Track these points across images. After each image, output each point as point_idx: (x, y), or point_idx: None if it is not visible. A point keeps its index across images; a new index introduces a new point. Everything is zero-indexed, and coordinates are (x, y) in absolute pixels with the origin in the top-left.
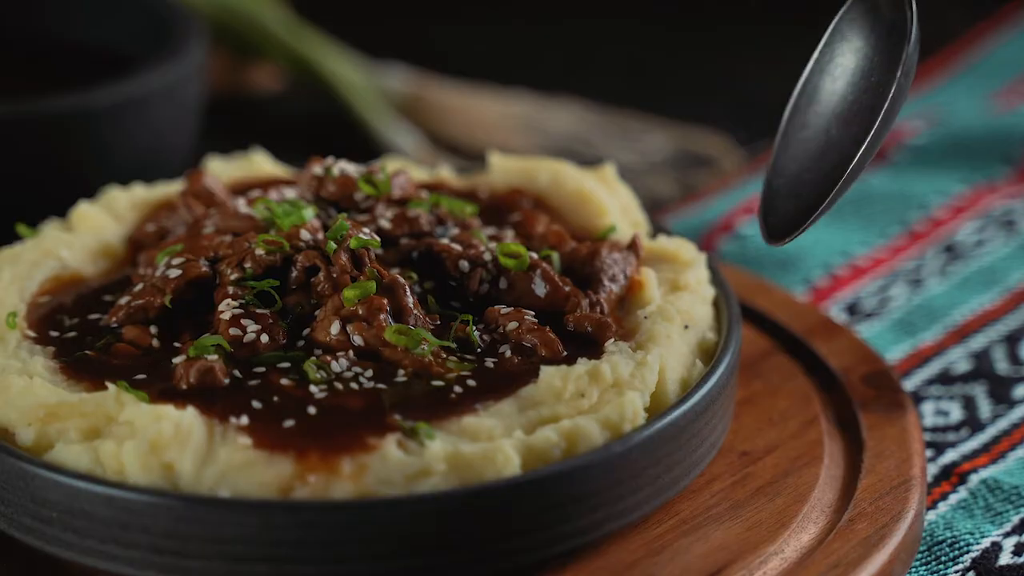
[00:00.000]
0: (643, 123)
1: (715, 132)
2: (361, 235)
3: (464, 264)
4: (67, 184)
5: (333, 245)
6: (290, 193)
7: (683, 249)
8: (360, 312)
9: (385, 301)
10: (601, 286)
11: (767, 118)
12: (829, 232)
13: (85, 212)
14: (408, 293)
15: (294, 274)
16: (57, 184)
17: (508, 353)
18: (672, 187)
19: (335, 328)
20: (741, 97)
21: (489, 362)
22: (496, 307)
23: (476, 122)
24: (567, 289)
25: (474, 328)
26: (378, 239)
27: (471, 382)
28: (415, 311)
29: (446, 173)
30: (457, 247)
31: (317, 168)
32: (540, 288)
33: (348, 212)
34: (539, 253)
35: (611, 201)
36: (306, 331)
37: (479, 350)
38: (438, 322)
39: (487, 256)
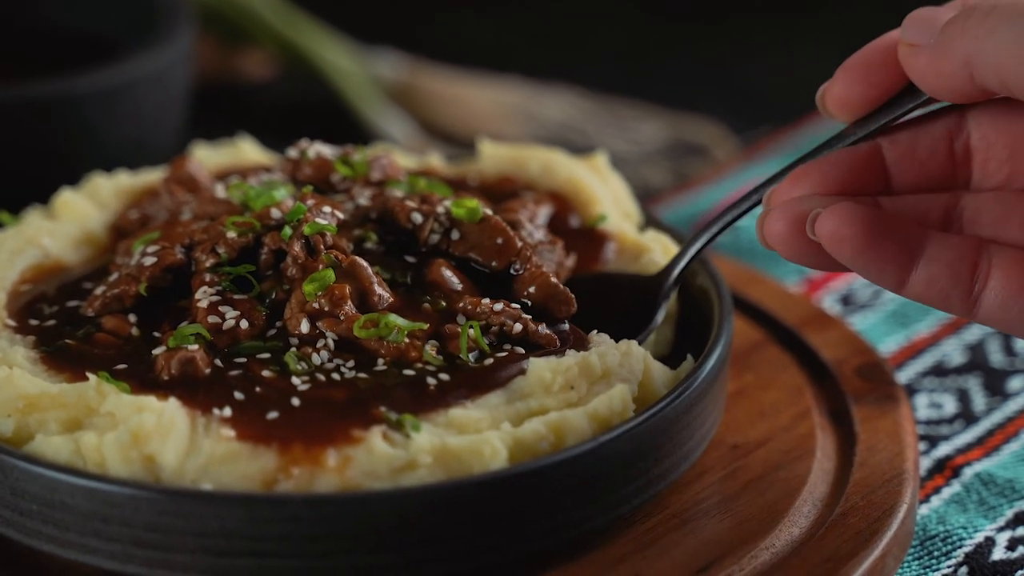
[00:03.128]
0: (636, 112)
1: (708, 121)
2: (319, 219)
3: (417, 216)
4: (52, 171)
5: (288, 232)
6: (269, 178)
7: (659, 243)
8: (324, 305)
9: (347, 288)
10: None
11: (761, 107)
12: None
13: (68, 199)
14: (369, 273)
15: (263, 257)
16: (42, 171)
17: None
18: (665, 176)
19: (304, 326)
20: (735, 86)
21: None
22: (487, 301)
23: (468, 110)
24: (520, 243)
25: (480, 333)
26: (334, 225)
27: (447, 375)
28: (379, 290)
29: (435, 160)
30: (411, 202)
31: (292, 151)
32: (492, 239)
33: (325, 194)
34: None
35: (602, 190)
36: (279, 323)
37: (483, 355)
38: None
39: (440, 209)
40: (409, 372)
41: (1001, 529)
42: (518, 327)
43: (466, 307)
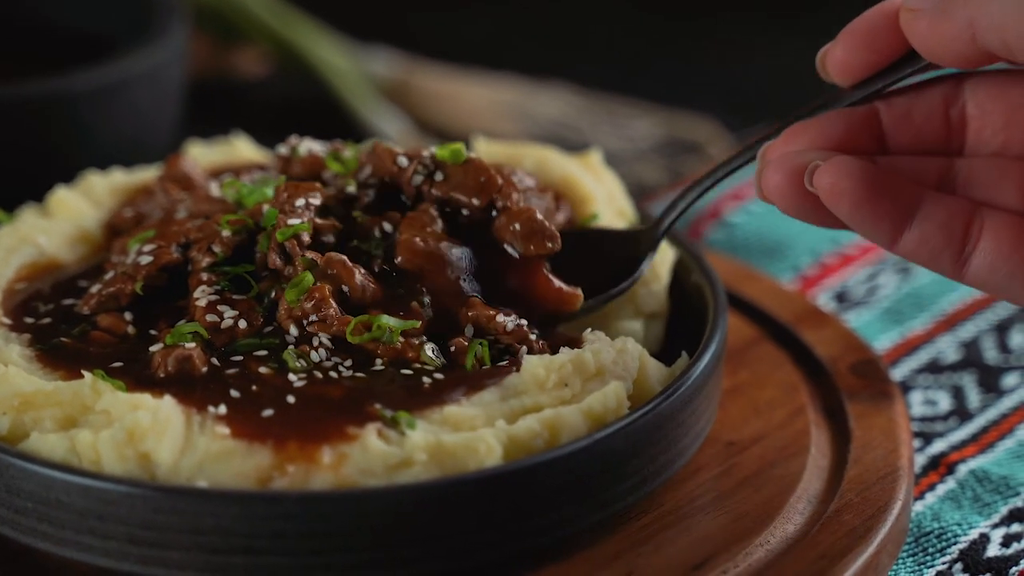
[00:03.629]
0: (631, 109)
1: (703, 118)
2: (291, 220)
3: (402, 160)
4: (47, 169)
5: (265, 243)
6: (263, 176)
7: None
8: (308, 309)
9: (327, 289)
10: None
11: (756, 105)
12: None
13: (63, 197)
14: (349, 266)
15: (258, 255)
16: (37, 169)
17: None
18: (660, 174)
19: (294, 331)
20: (730, 83)
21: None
22: (501, 319)
23: (463, 107)
24: (500, 180)
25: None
26: (307, 223)
27: (441, 373)
28: (360, 281)
29: None
30: (398, 148)
31: (283, 148)
32: (475, 178)
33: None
34: None
35: (597, 188)
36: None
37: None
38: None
39: (425, 154)
40: (406, 371)
41: (996, 526)
42: (524, 349)
43: (478, 319)
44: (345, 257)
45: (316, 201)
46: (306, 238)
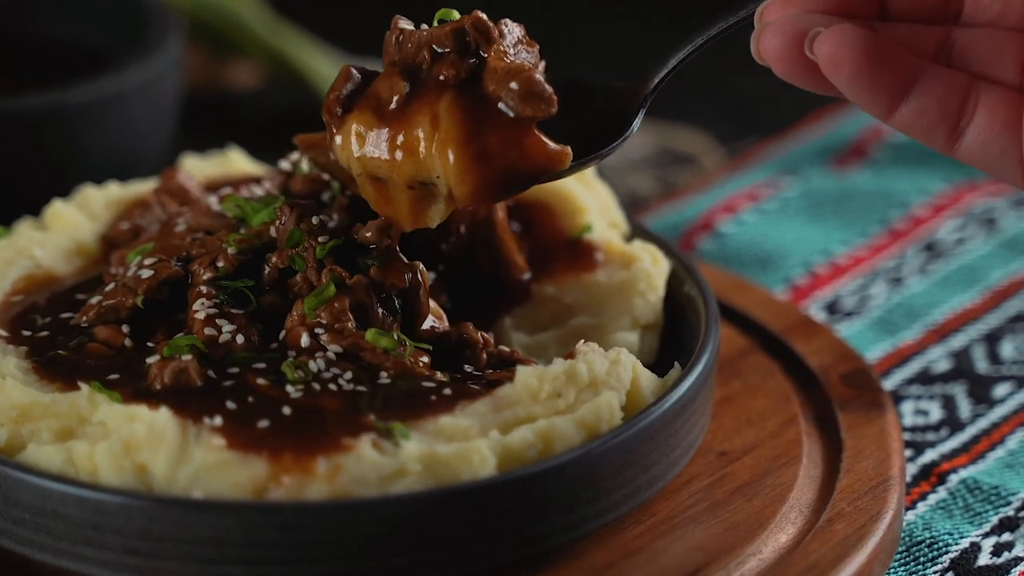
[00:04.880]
0: None
1: (696, 130)
2: (320, 239)
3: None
4: (42, 182)
5: (301, 263)
6: (260, 191)
7: (647, 252)
8: (324, 319)
9: (347, 302)
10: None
11: (749, 116)
12: (809, 231)
13: (59, 211)
14: (372, 295)
15: (266, 272)
16: (32, 182)
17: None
18: (652, 185)
19: (305, 340)
20: (723, 95)
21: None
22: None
23: None
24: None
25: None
26: (339, 238)
27: (450, 390)
28: (379, 310)
29: None
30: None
31: (284, 164)
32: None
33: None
34: None
35: (589, 199)
36: (282, 334)
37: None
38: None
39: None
40: (405, 383)
41: (987, 535)
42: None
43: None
44: (370, 284)
45: (325, 219)
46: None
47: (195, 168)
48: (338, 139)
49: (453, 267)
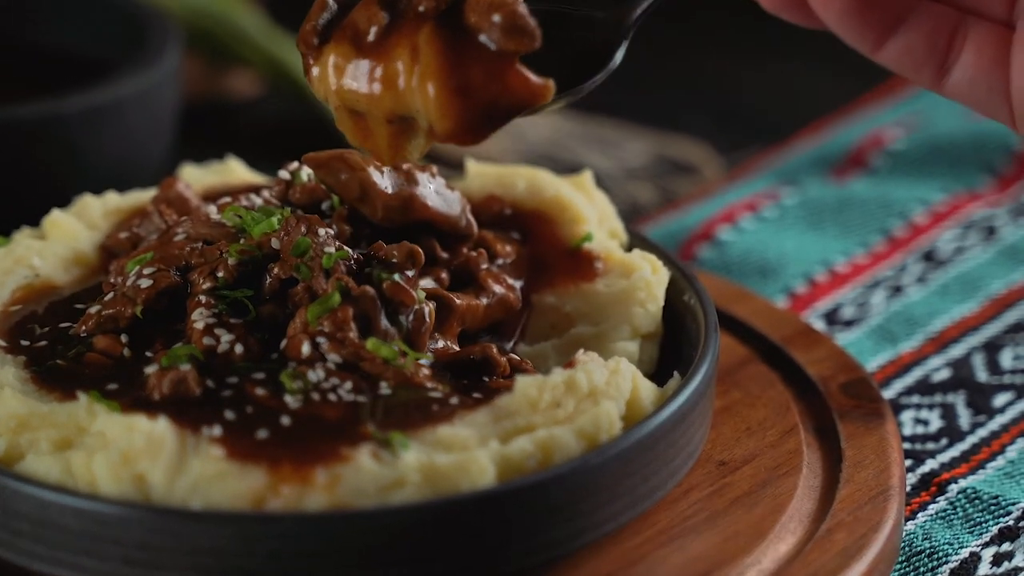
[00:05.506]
0: (623, 130)
1: (695, 139)
2: (327, 250)
3: None
4: (40, 192)
5: (306, 271)
6: (259, 200)
7: (647, 261)
8: (326, 328)
9: (350, 311)
10: None
11: (748, 126)
12: (809, 240)
13: (58, 220)
14: (378, 306)
15: (267, 282)
16: (30, 192)
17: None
18: (652, 194)
19: (306, 348)
20: (722, 104)
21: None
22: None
23: None
24: None
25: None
26: (347, 250)
27: (450, 400)
28: (384, 323)
29: None
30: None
31: (284, 173)
32: None
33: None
34: None
35: (588, 209)
36: (283, 344)
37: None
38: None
39: None
40: (405, 393)
41: (986, 545)
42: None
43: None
44: (376, 295)
45: (347, 249)
46: (343, 266)
47: (194, 177)
48: (315, 71)
49: (456, 277)
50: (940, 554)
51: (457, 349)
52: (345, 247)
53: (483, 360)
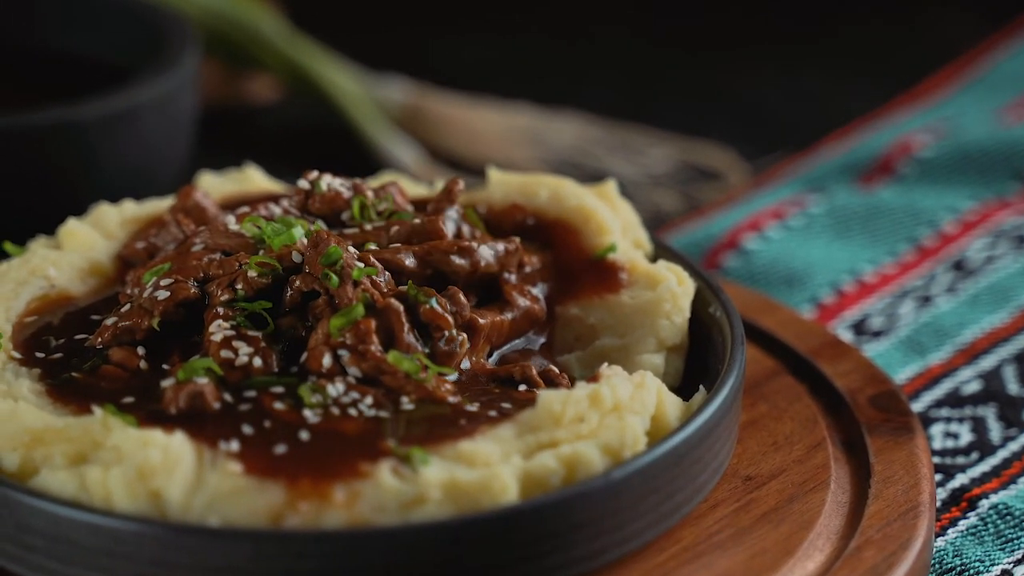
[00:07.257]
0: (647, 137)
1: (720, 146)
2: (359, 264)
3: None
4: (56, 200)
5: (335, 279)
6: (278, 209)
7: (672, 271)
8: (349, 339)
9: (372, 323)
10: None
11: (774, 132)
12: (836, 249)
13: (74, 229)
14: (403, 319)
15: (288, 295)
16: (46, 200)
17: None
18: (676, 202)
19: (327, 360)
20: (747, 111)
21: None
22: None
23: (477, 135)
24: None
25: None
26: (377, 265)
27: (472, 414)
28: (407, 337)
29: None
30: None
31: (304, 182)
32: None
33: (332, 227)
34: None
35: (612, 219)
36: (302, 357)
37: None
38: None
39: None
40: (425, 408)
41: (1019, 562)
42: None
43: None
44: (402, 309)
45: (379, 265)
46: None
47: (212, 186)
48: None
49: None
50: (971, 571)
51: (490, 367)
52: (377, 263)
53: (523, 380)
